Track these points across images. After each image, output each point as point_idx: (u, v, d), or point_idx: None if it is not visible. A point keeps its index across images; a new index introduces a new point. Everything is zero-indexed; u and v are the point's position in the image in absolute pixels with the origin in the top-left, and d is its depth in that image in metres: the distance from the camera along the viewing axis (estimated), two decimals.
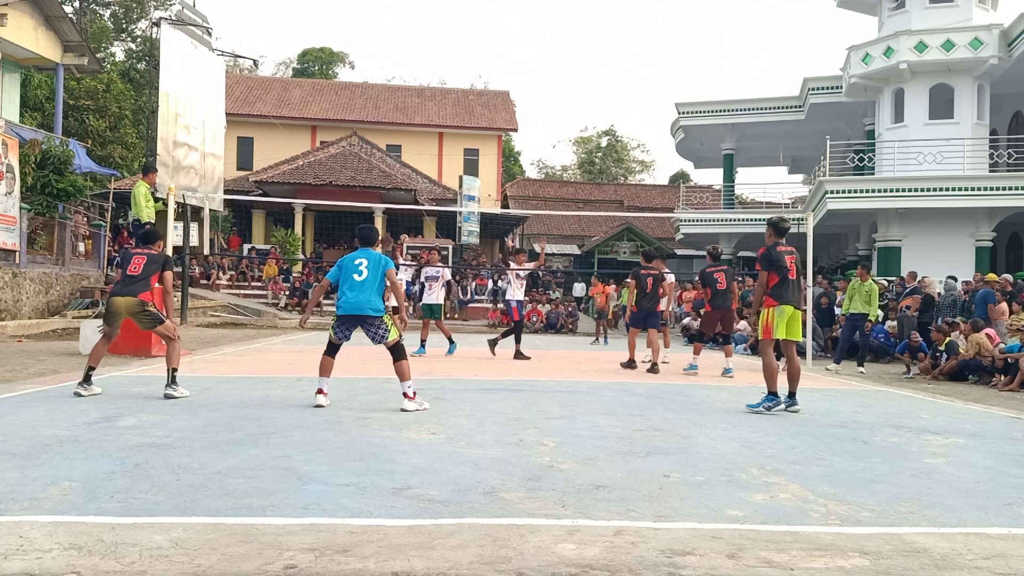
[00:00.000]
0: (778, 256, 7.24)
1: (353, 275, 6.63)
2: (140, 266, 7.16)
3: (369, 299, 6.57)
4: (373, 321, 6.61)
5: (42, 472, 4.06)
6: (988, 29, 21.64)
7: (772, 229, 7.52)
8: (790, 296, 7.20)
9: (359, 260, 6.69)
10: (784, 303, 7.16)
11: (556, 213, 35.59)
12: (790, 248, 7.41)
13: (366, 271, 6.62)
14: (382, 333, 6.63)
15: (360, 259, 6.70)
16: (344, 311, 6.64)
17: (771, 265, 7.21)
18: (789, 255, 7.29)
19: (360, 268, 6.64)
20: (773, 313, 7.18)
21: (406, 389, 6.55)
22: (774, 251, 7.28)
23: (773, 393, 7.06)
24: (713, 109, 30.44)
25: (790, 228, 7.56)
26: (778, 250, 7.29)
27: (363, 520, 3.37)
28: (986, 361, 11.26)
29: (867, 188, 22.31)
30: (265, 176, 30.29)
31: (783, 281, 7.18)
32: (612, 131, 64.05)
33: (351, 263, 6.71)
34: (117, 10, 41.85)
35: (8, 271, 15.47)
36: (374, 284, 6.61)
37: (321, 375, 6.76)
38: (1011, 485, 4.43)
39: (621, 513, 3.59)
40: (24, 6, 20.26)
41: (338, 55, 57.17)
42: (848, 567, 2.97)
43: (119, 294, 7.10)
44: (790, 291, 7.21)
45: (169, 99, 14.80)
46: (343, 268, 6.74)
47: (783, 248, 7.33)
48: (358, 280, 6.60)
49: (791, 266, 7.23)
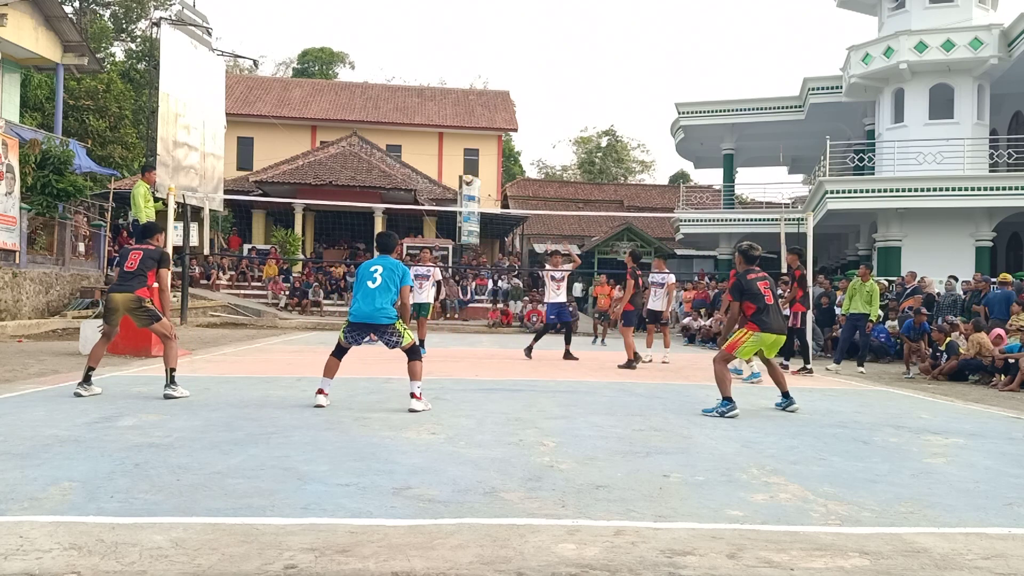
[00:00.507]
0: (749, 284, 7.06)
1: (367, 282, 6.60)
2: (136, 262, 7.15)
3: (381, 307, 6.53)
4: (386, 329, 6.60)
5: (42, 472, 4.06)
6: (988, 29, 21.64)
7: (741, 256, 7.40)
8: (772, 323, 7.03)
9: (375, 267, 6.67)
10: (765, 331, 6.99)
11: (556, 213, 35.56)
12: (762, 274, 7.25)
13: (380, 278, 6.59)
14: (396, 340, 6.63)
15: (376, 266, 6.67)
16: (356, 319, 6.62)
17: (743, 295, 7.05)
18: (761, 281, 7.13)
19: (375, 275, 6.61)
20: (749, 336, 7.01)
21: (415, 389, 6.53)
22: (744, 280, 7.11)
23: (728, 398, 6.83)
24: (713, 109, 30.44)
25: (759, 255, 7.44)
26: (748, 278, 7.11)
27: (363, 520, 3.37)
28: (986, 361, 11.26)
29: (867, 188, 22.32)
30: (265, 176, 30.29)
31: (762, 308, 7.01)
32: (612, 131, 64.00)
33: (367, 270, 6.70)
34: (117, 10, 41.85)
35: (8, 271, 15.47)
36: (387, 292, 6.57)
37: (324, 375, 6.74)
38: (1011, 485, 4.43)
39: (621, 513, 3.59)
40: (24, 6, 20.26)
41: (338, 55, 57.15)
42: (848, 567, 2.97)
43: (116, 290, 7.11)
44: (771, 317, 7.03)
45: (169, 99, 14.80)
46: (358, 275, 6.75)
47: (754, 275, 7.16)
48: (371, 288, 6.56)
49: (764, 291, 7.05)
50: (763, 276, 7.22)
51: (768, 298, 7.04)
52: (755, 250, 7.44)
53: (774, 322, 7.06)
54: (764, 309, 7.01)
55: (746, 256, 7.36)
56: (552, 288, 12.77)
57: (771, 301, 7.07)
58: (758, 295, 7.02)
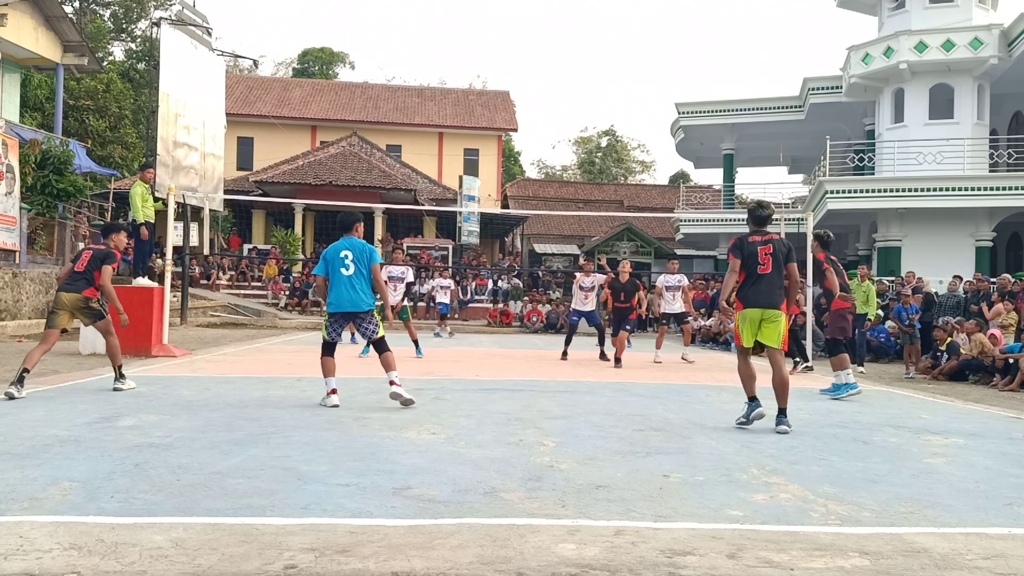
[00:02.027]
0: (749, 247, 6.22)
1: (340, 269, 6.58)
2: (85, 262, 7.41)
3: (360, 295, 6.58)
4: (365, 316, 6.65)
5: (42, 472, 4.06)
6: (988, 29, 21.64)
7: (749, 216, 6.52)
8: (754, 297, 6.16)
9: (344, 252, 6.62)
10: (748, 306, 6.19)
11: (556, 213, 35.54)
12: (769, 238, 6.29)
13: (353, 264, 6.58)
14: (373, 328, 6.67)
15: (344, 251, 6.63)
16: (337, 308, 6.63)
17: (740, 255, 6.22)
18: (763, 246, 6.20)
19: (346, 261, 6.58)
20: (737, 318, 6.30)
21: (393, 377, 6.59)
22: (745, 241, 6.29)
23: (752, 398, 6.14)
24: (713, 109, 30.43)
25: (771, 215, 6.52)
26: (750, 240, 6.27)
27: (363, 520, 3.37)
28: (987, 361, 11.26)
29: (867, 188, 22.31)
30: (265, 176, 30.30)
31: (750, 278, 6.19)
32: (612, 131, 63.96)
33: (336, 255, 6.63)
34: (117, 10, 41.84)
35: (8, 271, 15.46)
36: (361, 277, 6.60)
37: (327, 375, 6.71)
38: (1011, 485, 4.43)
39: (621, 513, 3.59)
40: (24, 6, 20.26)
41: (338, 55, 57.12)
42: (848, 567, 2.97)
43: (65, 289, 7.38)
44: (756, 290, 6.16)
45: (169, 99, 14.78)
46: (329, 261, 6.67)
47: (757, 238, 6.27)
48: (347, 275, 6.57)
49: (763, 259, 6.15)
50: (767, 241, 6.26)
51: (765, 267, 6.15)
52: (764, 209, 6.49)
53: (759, 295, 6.15)
54: (753, 280, 6.18)
55: (752, 215, 6.47)
56: (580, 297, 12.79)
57: (767, 271, 6.15)
58: (753, 261, 6.17)
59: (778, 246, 6.28)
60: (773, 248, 6.24)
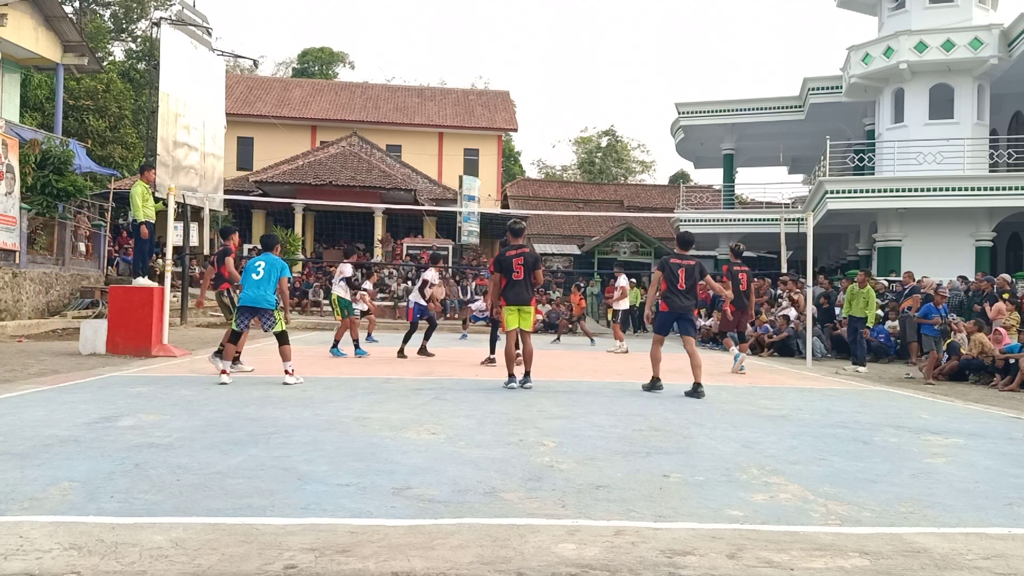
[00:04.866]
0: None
1: (252, 274, 8.24)
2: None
3: (264, 294, 8.20)
4: (266, 312, 8.28)
5: (42, 472, 4.06)
6: (988, 29, 21.63)
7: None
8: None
9: (259, 263, 8.31)
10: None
11: (556, 213, 35.54)
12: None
13: (263, 271, 8.24)
14: (271, 323, 8.30)
15: (260, 262, 8.33)
16: (244, 303, 8.27)
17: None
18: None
19: (258, 269, 8.26)
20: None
21: (288, 367, 8.07)
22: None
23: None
24: (713, 109, 30.43)
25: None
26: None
27: (363, 520, 3.37)
28: (987, 361, 11.26)
29: (867, 188, 22.30)
30: (265, 176, 30.27)
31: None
32: (612, 131, 63.95)
33: (252, 266, 8.34)
34: (117, 10, 41.84)
35: (8, 271, 15.46)
36: (268, 283, 8.24)
37: (224, 358, 8.28)
38: (1011, 485, 4.43)
39: (621, 513, 3.59)
40: (24, 6, 20.26)
41: (338, 55, 57.14)
42: (848, 567, 2.97)
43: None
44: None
45: (169, 99, 14.77)
46: (245, 270, 8.40)
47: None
48: (256, 279, 8.21)
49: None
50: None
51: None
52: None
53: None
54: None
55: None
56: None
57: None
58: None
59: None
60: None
